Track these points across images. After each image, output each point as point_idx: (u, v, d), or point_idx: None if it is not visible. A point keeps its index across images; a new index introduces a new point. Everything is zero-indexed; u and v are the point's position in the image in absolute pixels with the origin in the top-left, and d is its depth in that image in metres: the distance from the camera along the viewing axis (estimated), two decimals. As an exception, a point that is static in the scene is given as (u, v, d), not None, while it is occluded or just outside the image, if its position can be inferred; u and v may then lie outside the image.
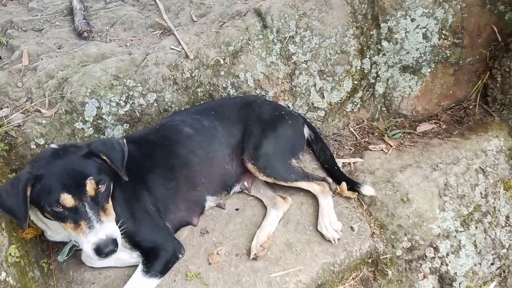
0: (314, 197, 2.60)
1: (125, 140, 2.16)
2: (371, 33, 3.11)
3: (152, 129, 2.52)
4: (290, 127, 2.66)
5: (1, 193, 1.86)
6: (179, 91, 2.87)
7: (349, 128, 3.10)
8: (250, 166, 2.46)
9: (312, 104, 3.09)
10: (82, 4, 3.27)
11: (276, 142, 2.54)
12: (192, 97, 2.91)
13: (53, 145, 2.14)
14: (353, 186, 2.63)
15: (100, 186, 1.94)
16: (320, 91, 3.09)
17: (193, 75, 2.90)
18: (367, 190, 2.60)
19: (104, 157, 2.01)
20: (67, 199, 1.84)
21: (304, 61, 3.06)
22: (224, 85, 2.93)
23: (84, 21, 3.05)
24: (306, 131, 2.83)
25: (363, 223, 2.49)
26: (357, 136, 3.06)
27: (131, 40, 3.09)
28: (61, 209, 1.86)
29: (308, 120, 3.06)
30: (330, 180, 2.60)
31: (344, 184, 2.61)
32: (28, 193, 1.85)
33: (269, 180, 2.47)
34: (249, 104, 2.70)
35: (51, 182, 1.86)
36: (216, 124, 2.56)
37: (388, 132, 3.06)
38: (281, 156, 2.52)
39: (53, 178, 1.87)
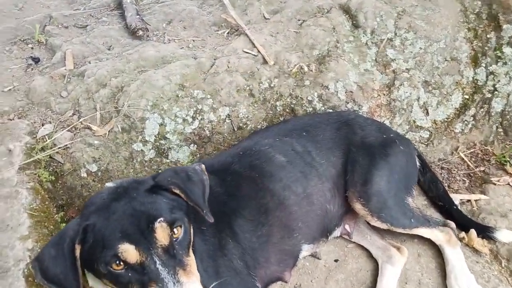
0: (432, 246, 2.04)
1: (203, 167, 1.61)
2: (488, 36, 2.53)
3: (234, 154, 1.96)
4: (402, 154, 2.09)
5: (42, 257, 1.32)
6: (256, 105, 2.33)
7: (458, 153, 2.52)
8: (359, 207, 1.91)
9: (414, 122, 2.52)
10: (133, -4, 2.75)
11: (390, 175, 1.97)
12: (270, 112, 2.36)
13: (109, 184, 1.57)
14: (483, 232, 2.06)
15: (176, 231, 1.39)
16: (424, 106, 2.52)
17: (272, 85, 2.35)
18: (506, 236, 2.02)
19: (177, 191, 1.47)
20: (129, 252, 1.28)
21: (406, 69, 2.49)
22: (309, 98, 2.37)
23: (137, 17, 2.52)
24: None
25: (504, 286, 1.91)
26: (470, 164, 2.48)
27: (193, 40, 2.55)
28: (122, 269, 1.32)
29: (407, 141, 2.49)
30: (453, 224, 2.03)
31: (473, 232, 2.03)
32: (78, 253, 1.31)
33: (384, 226, 1.91)
34: (349, 123, 2.14)
35: (106, 231, 1.31)
36: (311, 149, 2.01)
37: (510, 160, 2.47)
38: (397, 195, 1.96)
39: (108, 226, 1.32)
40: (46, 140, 1.92)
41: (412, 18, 2.53)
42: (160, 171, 2.14)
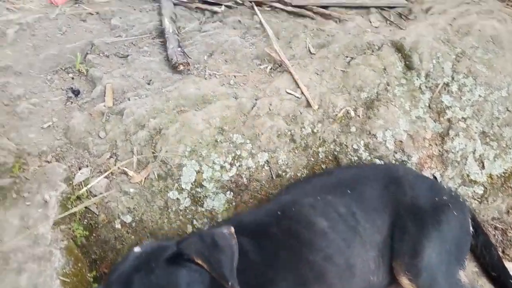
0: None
1: (233, 230, 1.51)
2: (558, 86, 2.30)
3: (272, 213, 1.84)
4: (456, 220, 1.92)
5: None
6: (297, 151, 2.21)
7: (515, 212, 2.32)
8: (405, 281, 1.76)
9: (468, 176, 2.33)
10: (174, 25, 2.67)
11: (441, 246, 1.81)
12: (312, 159, 2.24)
13: (136, 249, 1.50)
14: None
15: None
16: (480, 159, 2.32)
17: (315, 130, 2.23)
18: None
19: (200, 261, 1.37)
20: None
21: (462, 118, 2.31)
22: (355, 146, 2.23)
23: (179, 49, 2.45)
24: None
25: None
26: (528, 225, 2.27)
27: (235, 76, 2.45)
28: None
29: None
30: (507, 302, 1.86)
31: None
32: None
33: None
34: (397, 181, 1.98)
35: None
36: (355, 210, 1.87)
37: None
38: (448, 269, 1.79)
39: None
40: (82, 188, 1.88)
41: (472, 61, 2.34)
42: (194, 220, 2.07)
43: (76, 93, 2.34)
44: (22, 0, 3.12)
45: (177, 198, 2.02)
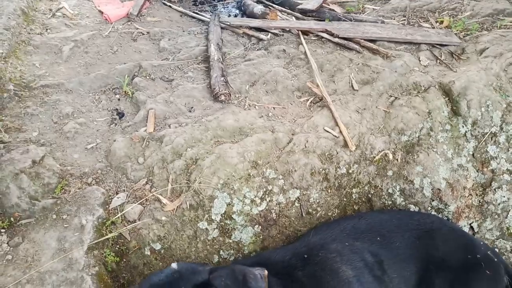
0: None
1: (266, 273, 1.52)
2: None
3: (299, 255, 1.83)
4: (487, 281, 1.83)
5: None
6: (329, 190, 2.18)
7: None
8: None
9: (508, 229, 2.21)
10: (220, 52, 2.71)
11: None
12: (345, 199, 2.20)
13: (173, 265, 1.54)
14: None
15: None
16: (523, 214, 2.19)
17: (350, 171, 2.19)
18: None
19: None
20: None
21: (507, 170, 2.19)
22: (390, 190, 2.17)
23: (222, 79, 2.48)
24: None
25: None
26: None
27: (274, 108, 2.46)
28: None
29: (498, 250, 2.20)
30: None
31: None
32: None
33: None
34: (431, 234, 1.91)
35: None
36: (383, 258, 1.83)
37: None
38: None
39: None
40: (118, 213, 1.95)
41: (526, 112, 2.21)
42: (221, 250, 2.09)
43: (121, 115, 2.44)
44: (80, 16, 3.29)
45: (206, 228, 2.05)
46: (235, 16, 3.25)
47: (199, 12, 3.31)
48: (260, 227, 2.14)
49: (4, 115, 2.35)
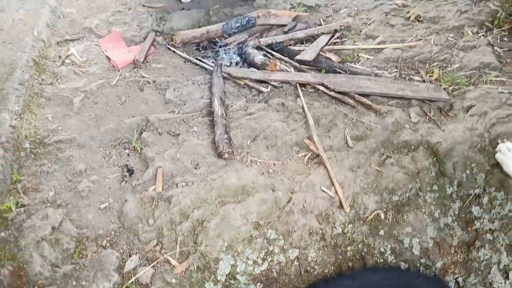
0: None
1: None
2: None
3: None
4: None
5: None
6: (326, 249, 2.36)
7: (537, 327, 2.36)
8: None
9: (491, 284, 2.40)
10: (223, 106, 2.88)
11: None
12: (340, 257, 2.38)
13: None
14: None
15: None
16: (504, 270, 2.38)
17: (345, 230, 2.37)
18: None
19: None
20: None
21: (490, 230, 2.37)
22: (381, 249, 2.36)
23: (225, 136, 2.65)
24: None
25: None
26: None
27: (274, 164, 2.63)
28: None
29: (481, 303, 2.38)
30: None
31: None
32: None
33: None
34: None
35: None
36: None
37: None
38: None
39: None
40: (131, 277, 2.12)
41: (505, 176, 2.39)
42: (226, 308, 2.27)
43: (131, 172, 2.60)
44: (88, 63, 3.45)
45: (212, 289, 2.23)
46: (237, 63, 3.41)
47: (202, 59, 3.46)
48: (262, 285, 2.31)
49: (22, 175, 2.52)
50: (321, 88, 3.03)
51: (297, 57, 3.27)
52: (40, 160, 2.61)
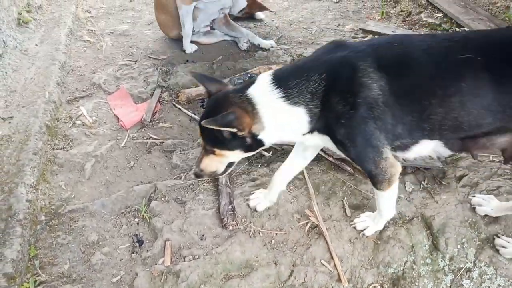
0: None
1: None
2: None
3: None
4: None
5: None
6: (326, 322, 2.50)
7: None
8: None
9: None
10: (227, 175, 3.02)
11: None
12: (339, 328, 2.53)
13: None
14: None
15: None
16: None
17: (344, 304, 2.51)
18: None
19: None
20: None
21: (480, 303, 2.51)
22: (378, 322, 2.50)
23: (230, 207, 2.80)
24: None
25: None
26: None
27: (276, 234, 2.77)
28: None
29: None
30: None
31: None
32: None
33: None
34: None
35: None
36: None
37: None
38: None
39: None
40: None
41: (495, 251, 2.53)
42: None
43: (140, 243, 2.75)
44: (98, 123, 3.61)
45: None
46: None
47: (206, 118, 3.61)
48: None
49: (38, 248, 2.67)
50: (320, 153, 3.17)
51: (298, 119, 3.41)
52: (55, 232, 2.77)
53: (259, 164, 3.22)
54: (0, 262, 2.37)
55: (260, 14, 4.97)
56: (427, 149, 2.27)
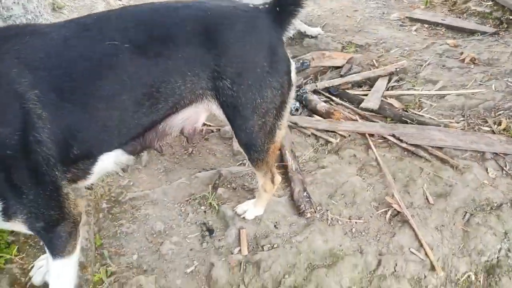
0: None
1: None
2: None
3: None
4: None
5: None
6: (421, 314, 2.32)
7: None
8: None
9: None
10: (296, 160, 2.85)
11: None
12: (434, 321, 2.34)
13: None
14: None
15: None
16: None
17: (438, 294, 2.32)
18: None
19: None
20: None
21: None
22: (476, 314, 2.31)
23: (305, 194, 2.61)
24: None
25: None
26: None
27: (356, 222, 2.59)
28: None
29: None
30: None
31: None
32: None
33: None
34: None
35: None
36: None
37: None
38: None
39: None
40: None
41: None
42: None
43: (211, 232, 2.55)
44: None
45: None
46: (296, 109, 3.38)
47: (262, 105, 3.43)
48: None
49: (103, 237, 2.46)
50: (391, 139, 3.01)
51: (362, 105, 3.26)
52: (118, 221, 2.56)
53: (326, 151, 3.04)
54: (70, 250, 2.16)
55: (300, 3, 4.81)
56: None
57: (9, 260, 2.13)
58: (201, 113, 2.08)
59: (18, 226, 1.54)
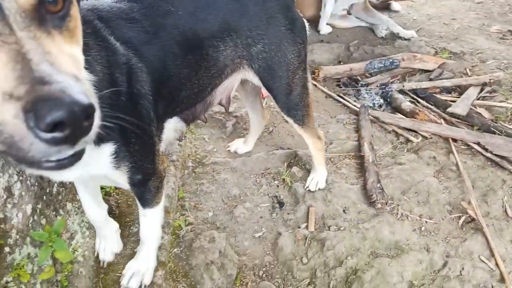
0: None
1: None
2: None
3: None
4: None
5: None
6: (480, 323, 2.27)
7: None
8: None
9: None
10: (373, 153, 2.89)
11: None
12: (495, 333, 2.28)
13: None
14: None
15: None
16: None
17: (504, 307, 2.25)
18: None
19: None
20: None
21: None
22: (543, 336, 2.21)
23: (378, 185, 2.65)
24: None
25: None
26: None
27: (426, 221, 2.58)
28: None
29: None
30: None
31: None
32: None
33: None
34: None
35: None
36: None
37: None
38: None
39: None
40: (287, 314, 2.19)
41: None
42: None
43: (281, 205, 2.69)
44: (236, 87, 3.62)
45: None
46: (380, 106, 3.41)
47: (344, 97, 3.51)
48: None
49: (185, 191, 2.70)
50: (475, 147, 2.94)
51: (449, 109, 3.20)
52: (199, 180, 2.79)
53: (405, 150, 3.04)
54: (157, 195, 2.41)
55: (396, 5, 4.79)
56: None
57: None
58: (235, 83, 2.19)
59: (122, 177, 1.58)
